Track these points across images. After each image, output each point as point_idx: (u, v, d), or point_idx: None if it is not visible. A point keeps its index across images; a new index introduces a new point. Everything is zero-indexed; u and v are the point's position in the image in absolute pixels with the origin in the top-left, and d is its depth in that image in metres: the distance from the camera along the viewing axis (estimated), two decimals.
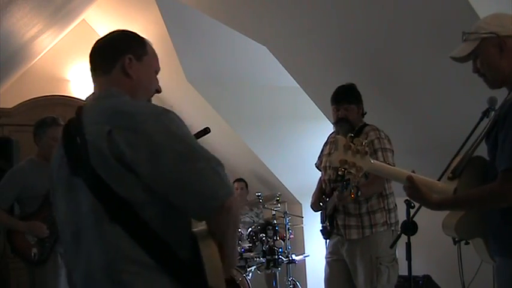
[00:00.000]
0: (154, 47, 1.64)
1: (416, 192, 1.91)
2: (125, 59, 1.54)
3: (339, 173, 2.39)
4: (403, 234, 2.25)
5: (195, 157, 1.37)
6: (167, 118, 1.40)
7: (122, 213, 1.37)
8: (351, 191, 2.92)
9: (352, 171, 1.83)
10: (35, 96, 5.18)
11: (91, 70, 1.59)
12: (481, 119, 2.01)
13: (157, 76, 1.64)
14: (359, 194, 3.03)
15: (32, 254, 3.37)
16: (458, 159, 1.97)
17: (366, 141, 2.34)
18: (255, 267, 4.61)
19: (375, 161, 1.92)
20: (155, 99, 1.64)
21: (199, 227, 1.47)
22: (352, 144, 1.83)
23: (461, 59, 1.98)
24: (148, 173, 1.35)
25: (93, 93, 1.57)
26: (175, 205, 1.39)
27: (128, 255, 1.37)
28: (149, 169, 1.35)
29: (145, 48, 1.59)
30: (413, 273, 2.37)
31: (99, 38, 1.62)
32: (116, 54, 1.55)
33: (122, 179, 1.36)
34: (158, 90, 1.64)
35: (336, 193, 3.05)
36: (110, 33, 1.62)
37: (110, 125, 1.38)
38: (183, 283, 1.39)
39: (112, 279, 1.38)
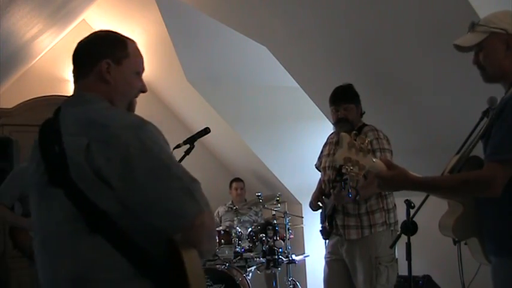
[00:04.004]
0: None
1: (394, 176, 1.87)
2: (102, 64, 1.50)
3: (343, 170, 2.38)
4: (403, 234, 2.25)
5: (167, 175, 1.36)
6: (144, 132, 1.38)
7: (102, 223, 1.36)
8: (348, 190, 2.92)
9: (355, 169, 1.82)
10: (35, 96, 5.18)
11: (72, 72, 1.56)
12: (481, 119, 2.01)
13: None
14: (357, 198, 3.03)
15: None
16: (455, 159, 1.97)
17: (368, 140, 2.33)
18: (255, 267, 4.61)
19: (377, 160, 1.92)
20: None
21: None
22: (355, 142, 1.83)
23: (464, 49, 1.97)
24: (120, 187, 1.34)
25: (70, 96, 1.54)
26: (145, 221, 1.37)
27: (107, 264, 1.37)
28: (121, 183, 1.34)
29: (126, 50, 1.54)
30: (413, 273, 2.36)
31: (82, 38, 1.57)
32: (93, 59, 1.51)
33: (100, 192, 1.35)
34: (143, 90, 1.60)
35: (333, 191, 3.06)
36: (92, 34, 1.57)
37: (87, 137, 1.36)
38: None
39: None
